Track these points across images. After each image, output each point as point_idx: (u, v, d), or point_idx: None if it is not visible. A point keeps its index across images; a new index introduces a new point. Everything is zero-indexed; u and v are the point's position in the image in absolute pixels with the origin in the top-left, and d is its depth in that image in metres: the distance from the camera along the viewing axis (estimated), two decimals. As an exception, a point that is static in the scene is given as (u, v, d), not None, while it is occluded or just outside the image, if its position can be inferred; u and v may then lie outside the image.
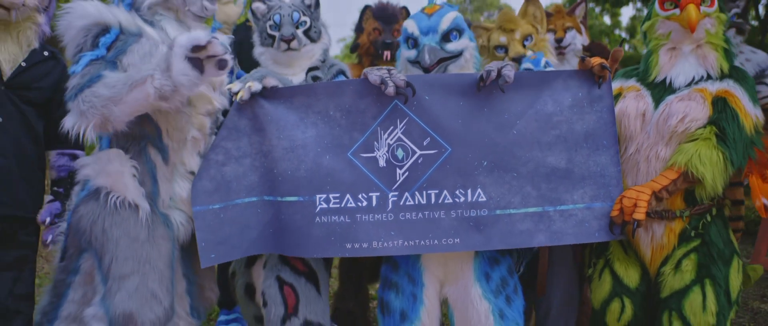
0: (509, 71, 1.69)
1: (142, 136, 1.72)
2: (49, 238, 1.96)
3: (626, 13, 26.05)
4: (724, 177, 1.74)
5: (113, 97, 1.50)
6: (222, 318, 2.83)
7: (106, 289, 1.62)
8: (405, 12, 2.87)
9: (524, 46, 2.47)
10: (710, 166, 1.69)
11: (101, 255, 1.65)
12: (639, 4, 18.73)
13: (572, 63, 2.84)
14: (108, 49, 1.63)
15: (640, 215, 1.68)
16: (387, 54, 2.70)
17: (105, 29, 1.65)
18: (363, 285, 2.77)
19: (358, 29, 2.89)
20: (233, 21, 2.76)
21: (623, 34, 22.18)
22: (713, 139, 1.72)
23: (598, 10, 21.47)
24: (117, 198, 1.65)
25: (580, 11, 2.93)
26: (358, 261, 2.58)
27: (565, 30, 2.81)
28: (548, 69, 2.07)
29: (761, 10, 11.99)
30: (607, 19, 21.85)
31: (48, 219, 2.01)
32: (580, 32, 2.88)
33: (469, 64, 1.96)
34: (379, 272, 2.09)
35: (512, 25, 2.47)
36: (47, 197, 2.08)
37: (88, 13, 1.65)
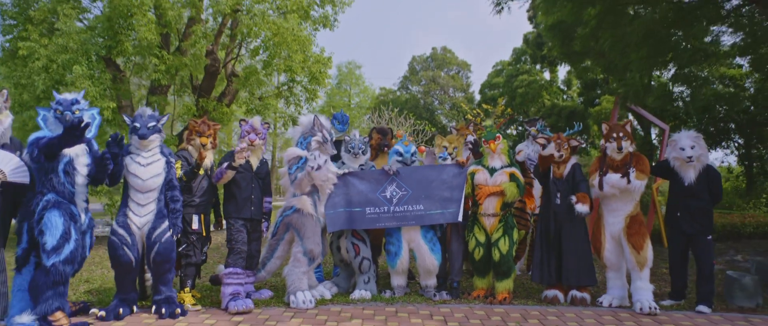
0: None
1: (309, 192, 4.87)
2: (266, 227, 5.06)
3: (563, 69, 29.22)
4: (514, 197, 4.94)
5: (299, 182, 4.71)
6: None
7: (303, 241, 4.71)
8: (390, 132, 6.02)
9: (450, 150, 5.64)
10: (510, 191, 4.90)
11: (299, 230, 4.74)
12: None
13: (470, 149, 6.14)
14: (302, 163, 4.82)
15: (482, 199, 4.89)
16: (386, 149, 5.79)
17: (299, 157, 4.84)
18: (376, 255, 5.80)
19: (369, 137, 6.00)
20: None
21: (561, 87, 25.20)
22: (514, 184, 4.95)
23: (538, 67, 24.57)
24: (305, 212, 4.75)
25: (471, 127, 6.28)
26: (373, 242, 5.57)
27: (468, 135, 6.11)
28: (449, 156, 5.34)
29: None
30: (546, 75, 25.07)
31: (266, 224, 5.09)
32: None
33: (416, 162, 5.27)
34: (383, 249, 5.22)
35: (450, 141, 5.58)
36: (264, 223, 5.14)
37: (294, 152, 4.86)
